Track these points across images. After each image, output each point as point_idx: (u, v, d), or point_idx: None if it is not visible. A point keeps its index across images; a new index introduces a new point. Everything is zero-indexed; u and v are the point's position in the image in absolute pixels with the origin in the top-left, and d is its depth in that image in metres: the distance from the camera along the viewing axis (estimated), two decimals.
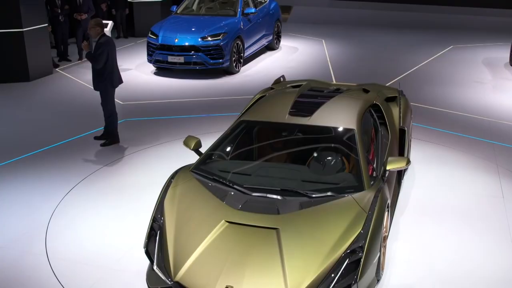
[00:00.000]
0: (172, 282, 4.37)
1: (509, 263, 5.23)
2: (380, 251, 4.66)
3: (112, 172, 7.27)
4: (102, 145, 8.08)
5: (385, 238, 5.07)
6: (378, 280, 4.81)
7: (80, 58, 13.27)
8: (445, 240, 5.61)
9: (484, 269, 5.14)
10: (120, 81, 8.12)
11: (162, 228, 4.74)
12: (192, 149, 5.71)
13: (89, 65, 12.91)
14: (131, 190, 6.72)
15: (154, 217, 4.89)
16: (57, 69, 12.58)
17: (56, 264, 5.19)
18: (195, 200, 4.95)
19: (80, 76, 11.98)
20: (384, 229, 4.89)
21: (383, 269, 4.93)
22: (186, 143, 5.77)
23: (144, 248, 4.75)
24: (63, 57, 13.40)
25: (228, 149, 5.75)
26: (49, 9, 12.76)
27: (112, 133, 8.17)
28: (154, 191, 6.32)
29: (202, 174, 5.29)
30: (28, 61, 11.46)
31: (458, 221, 5.98)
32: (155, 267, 4.55)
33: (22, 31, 11.24)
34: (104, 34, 7.88)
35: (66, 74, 12.20)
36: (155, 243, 4.69)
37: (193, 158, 5.75)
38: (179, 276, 4.36)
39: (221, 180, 5.17)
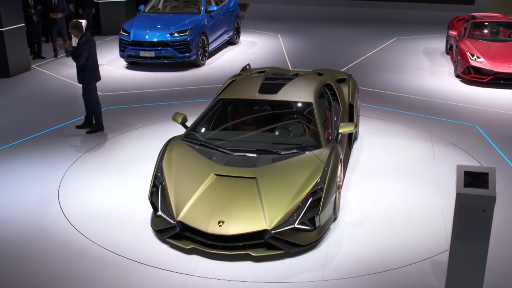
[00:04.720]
0: (175, 222, 5.56)
1: (436, 203, 6.63)
2: (335, 194, 5.96)
3: (103, 151, 8.33)
4: (88, 132, 9.03)
5: (340, 186, 6.37)
6: (335, 218, 6.12)
7: (56, 56, 14.11)
8: (388, 190, 6.98)
9: (418, 207, 6.53)
10: (99, 77, 9.02)
11: (162, 183, 5.91)
12: (180, 123, 6.88)
13: (64, 61, 13.84)
14: (124, 164, 7.81)
15: (155, 175, 6.06)
16: (33, 66, 13.43)
17: (73, 219, 6.28)
18: (188, 160, 6.15)
19: (57, 72, 12.89)
20: (339, 178, 6.19)
21: (339, 210, 6.25)
22: (174, 118, 6.94)
23: (148, 199, 5.92)
24: (37, 55, 14.22)
25: (210, 122, 6.94)
26: (23, 9, 13.55)
27: (97, 121, 9.13)
28: (143, 164, 7.58)
29: (191, 141, 6.49)
30: (8, 59, 12.30)
31: (398, 177, 7.35)
32: (159, 213, 5.73)
33: (2, 31, 12.08)
34: (85, 34, 8.79)
35: (43, 70, 13.07)
36: (158, 195, 5.86)
37: (171, 135, 6.84)
38: (181, 216, 5.56)
39: (207, 144, 6.38)
